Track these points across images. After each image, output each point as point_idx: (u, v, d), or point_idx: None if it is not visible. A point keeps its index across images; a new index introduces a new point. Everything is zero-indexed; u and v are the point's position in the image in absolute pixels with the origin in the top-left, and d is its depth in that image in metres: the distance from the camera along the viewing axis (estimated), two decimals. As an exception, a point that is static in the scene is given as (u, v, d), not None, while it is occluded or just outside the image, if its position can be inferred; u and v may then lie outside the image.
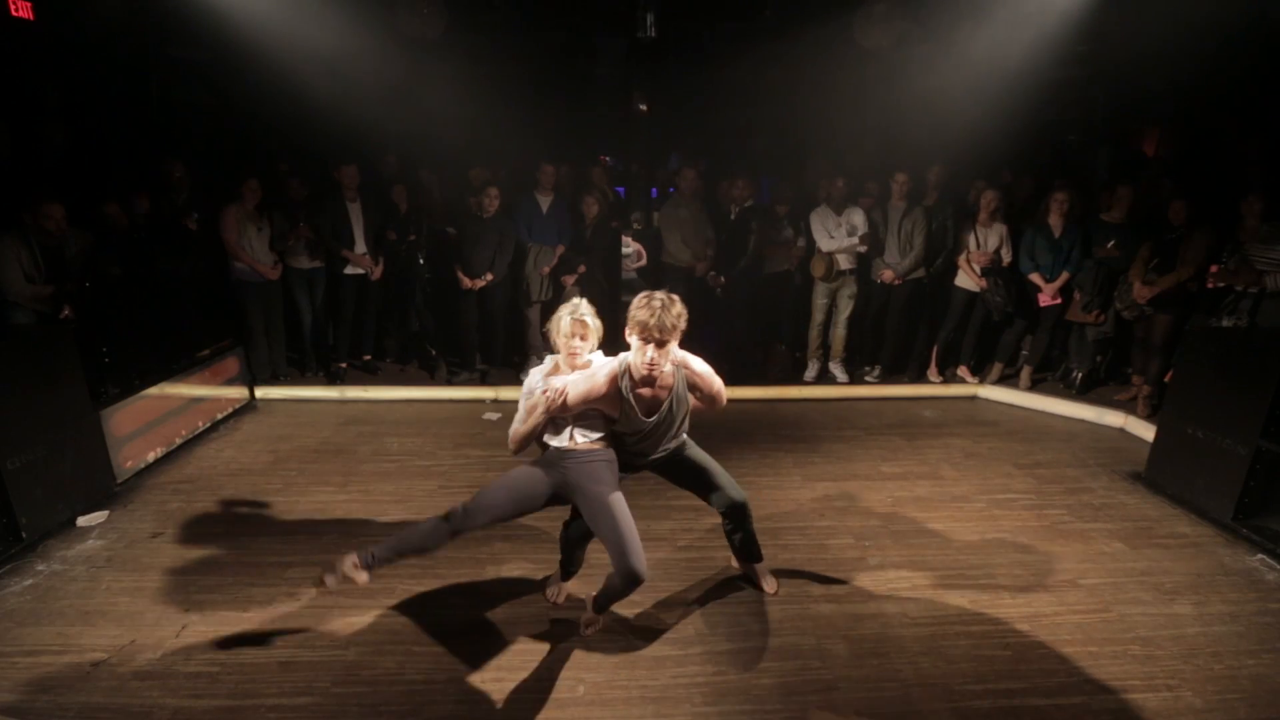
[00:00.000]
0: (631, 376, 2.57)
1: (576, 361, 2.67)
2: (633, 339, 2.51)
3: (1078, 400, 5.51)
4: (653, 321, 2.42)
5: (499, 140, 6.42)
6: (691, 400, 2.76)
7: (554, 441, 2.70)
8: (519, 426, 2.65)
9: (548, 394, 2.54)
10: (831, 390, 5.90)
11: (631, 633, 2.87)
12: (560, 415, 2.62)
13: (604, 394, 2.59)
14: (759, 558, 3.13)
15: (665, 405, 2.65)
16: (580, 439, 2.67)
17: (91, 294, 4.44)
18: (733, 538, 3.07)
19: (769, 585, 3.16)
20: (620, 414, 2.64)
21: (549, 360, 2.78)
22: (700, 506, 3.89)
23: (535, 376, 2.74)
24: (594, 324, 2.67)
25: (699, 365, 2.71)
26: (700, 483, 2.92)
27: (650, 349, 2.47)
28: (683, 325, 2.50)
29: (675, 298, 2.51)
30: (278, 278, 5.54)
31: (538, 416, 2.58)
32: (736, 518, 2.97)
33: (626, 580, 2.55)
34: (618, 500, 2.63)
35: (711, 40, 7.60)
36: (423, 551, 2.72)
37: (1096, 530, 3.72)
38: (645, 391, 2.61)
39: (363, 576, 2.58)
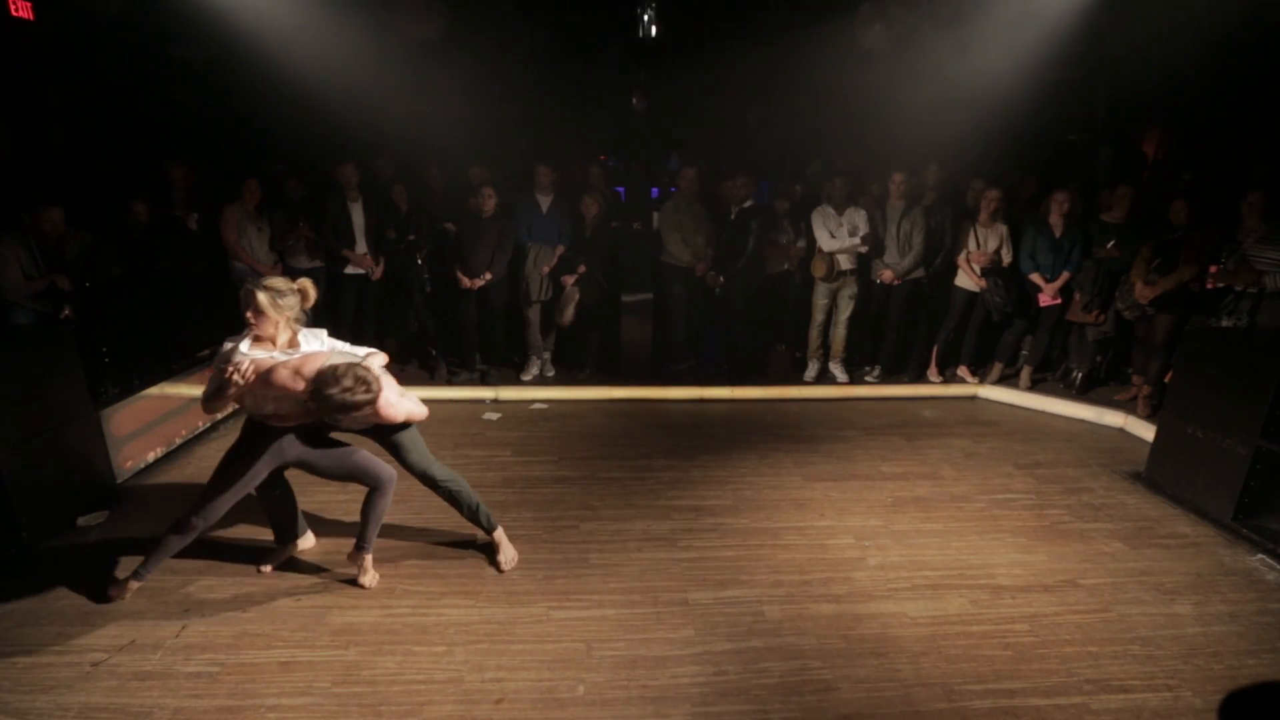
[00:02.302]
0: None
1: (260, 331, 2.77)
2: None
3: (1078, 400, 5.50)
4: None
5: (498, 140, 6.42)
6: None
7: (253, 411, 2.82)
8: (207, 390, 2.80)
9: (234, 366, 2.65)
10: (831, 390, 5.90)
11: (631, 633, 2.87)
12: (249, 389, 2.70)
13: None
14: (293, 537, 3.38)
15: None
16: (273, 409, 2.77)
17: (91, 294, 4.44)
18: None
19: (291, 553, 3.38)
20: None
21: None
22: (700, 506, 3.93)
23: (240, 348, 2.77)
24: (267, 301, 2.73)
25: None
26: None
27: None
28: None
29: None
30: (277, 278, 5.53)
31: (225, 389, 2.67)
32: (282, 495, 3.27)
33: (386, 485, 2.89)
34: (334, 441, 2.86)
35: (711, 40, 7.61)
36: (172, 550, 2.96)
37: (1096, 530, 3.72)
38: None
39: (134, 586, 2.97)
